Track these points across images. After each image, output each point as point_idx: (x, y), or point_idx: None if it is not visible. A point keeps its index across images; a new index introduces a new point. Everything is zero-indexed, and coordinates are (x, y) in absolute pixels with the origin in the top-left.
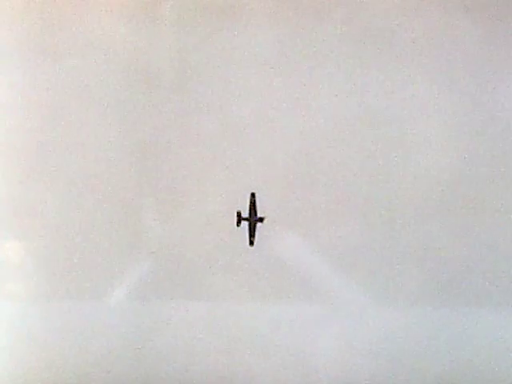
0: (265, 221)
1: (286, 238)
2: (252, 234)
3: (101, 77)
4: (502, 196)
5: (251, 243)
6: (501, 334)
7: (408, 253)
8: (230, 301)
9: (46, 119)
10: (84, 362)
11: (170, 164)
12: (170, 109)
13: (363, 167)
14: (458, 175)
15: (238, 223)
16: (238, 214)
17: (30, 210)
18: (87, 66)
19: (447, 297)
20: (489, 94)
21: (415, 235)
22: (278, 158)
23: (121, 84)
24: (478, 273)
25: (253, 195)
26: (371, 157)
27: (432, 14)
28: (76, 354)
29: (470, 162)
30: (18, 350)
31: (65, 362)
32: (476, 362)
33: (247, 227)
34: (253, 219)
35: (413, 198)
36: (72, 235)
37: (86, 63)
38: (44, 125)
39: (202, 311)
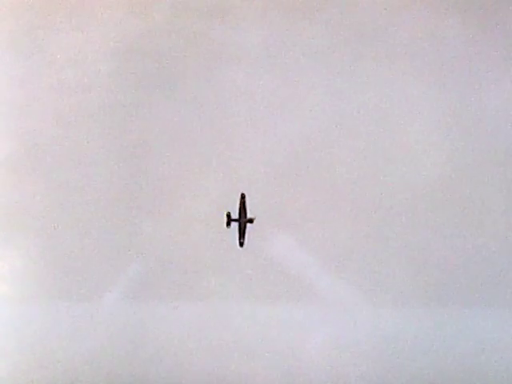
0: (254, 222)
1: (276, 238)
2: (242, 235)
3: (91, 76)
4: (493, 197)
5: (241, 244)
6: (492, 334)
7: (398, 253)
8: (219, 301)
9: (39, 119)
10: (75, 362)
11: (161, 165)
12: (161, 109)
13: (353, 167)
14: (447, 175)
15: (228, 224)
16: (228, 215)
17: (20, 212)
18: (79, 63)
19: (438, 297)
20: (481, 94)
21: (406, 235)
22: (268, 158)
23: (111, 85)
24: (468, 273)
25: (242, 196)
26: (361, 157)
27: (422, 14)
28: (67, 354)
29: (460, 163)
30: (9, 350)
31: (56, 362)
32: (467, 362)
33: (237, 228)
34: (242, 220)
35: (403, 198)
36: (62, 237)
37: (76, 60)
38: (36, 124)
39: (192, 312)
